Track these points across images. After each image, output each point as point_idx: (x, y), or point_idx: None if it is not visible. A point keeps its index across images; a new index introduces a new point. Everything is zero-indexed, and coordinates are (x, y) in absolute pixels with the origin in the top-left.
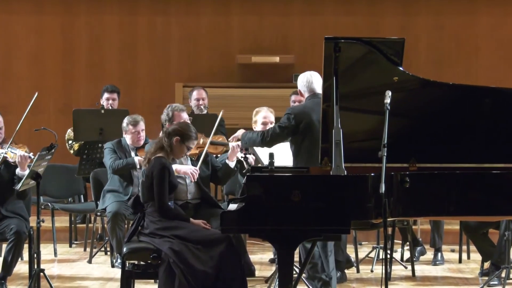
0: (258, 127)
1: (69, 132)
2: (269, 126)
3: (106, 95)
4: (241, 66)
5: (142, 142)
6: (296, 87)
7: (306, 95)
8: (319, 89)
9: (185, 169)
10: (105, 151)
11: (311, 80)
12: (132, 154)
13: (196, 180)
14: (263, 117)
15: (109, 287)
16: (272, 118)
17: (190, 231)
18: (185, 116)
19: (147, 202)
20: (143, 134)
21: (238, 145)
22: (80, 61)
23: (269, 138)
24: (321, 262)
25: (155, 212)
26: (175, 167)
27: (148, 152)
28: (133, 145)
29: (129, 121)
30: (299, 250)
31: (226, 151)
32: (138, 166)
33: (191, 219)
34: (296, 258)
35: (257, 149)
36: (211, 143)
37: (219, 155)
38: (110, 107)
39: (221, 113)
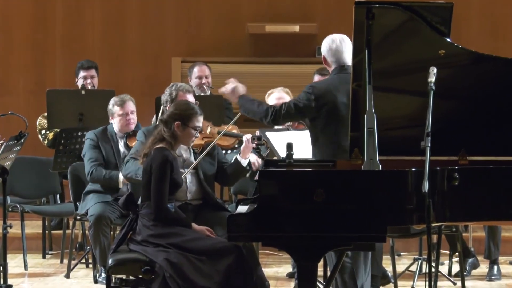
0: None
1: (41, 120)
2: None
3: (82, 73)
4: (252, 37)
5: (133, 126)
6: (321, 63)
7: (333, 66)
8: (349, 60)
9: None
10: (86, 143)
11: (340, 46)
12: (121, 143)
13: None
14: (277, 98)
15: None
16: (287, 99)
17: (190, 239)
18: (190, 99)
19: (144, 202)
20: (133, 116)
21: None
22: (56, 31)
23: (279, 117)
24: (352, 277)
25: (150, 215)
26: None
27: (144, 147)
28: (122, 132)
29: (115, 102)
30: (325, 261)
31: (239, 143)
32: (121, 186)
33: (194, 225)
34: (320, 272)
35: (272, 139)
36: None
37: (229, 151)
38: (90, 87)
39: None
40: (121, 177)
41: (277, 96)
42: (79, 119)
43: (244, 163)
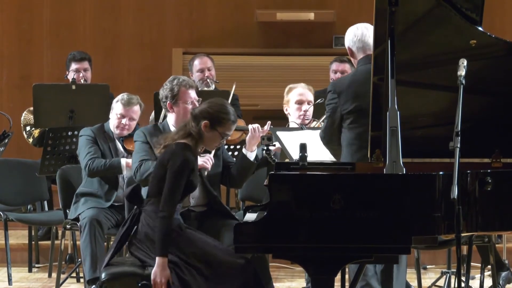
0: (291, 108)
1: (26, 115)
2: (306, 106)
3: (73, 65)
4: (262, 26)
5: (125, 132)
6: (340, 54)
7: (358, 56)
8: None
9: None
10: (81, 139)
11: (364, 35)
12: (118, 145)
13: (209, 170)
14: (299, 94)
15: None
16: (310, 96)
17: (200, 254)
18: (193, 96)
19: (149, 197)
20: (130, 123)
21: (259, 127)
22: (42, 19)
23: (329, 136)
24: None
25: (154, 213)
26: None
27: (165, 137)
28: (115, 132)
29: (121, 99)
30: (342, 275)
31: (243, 140)
32: (124, 172)
33: (164, 260)
34: (338, 287)
35: (284, 139)
36: None
37: (232, 145)
38: (83, 81)
39: (233, 88)
40: (123, 161)
41: (299, 92)
42: (69, 117)
43: (251, 156)
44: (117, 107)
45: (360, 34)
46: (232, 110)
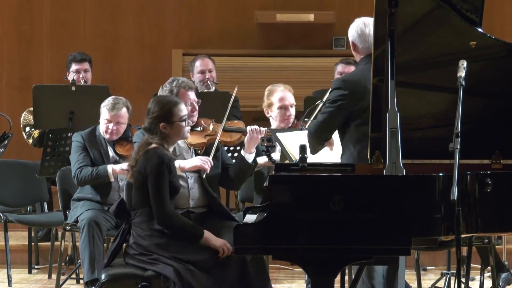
0: (274, 112)
1: (26, 115)
2: (290, 110)
3: (74, 66)
4: (262, 27)
5: (114, 137)
6: (340, 55)
7: (364, 53)
8: None
9: (192, 163)
10: (72, 146)
11: (368, 30)
12: (110, 150)
13: (208, 172)
14: (281, 99)
15: None
16: (292, 99)
17: (191, 250)
18: (192, 97)
19: (135, 210)
20: (117, 127)
21: (258, 129)
22: (42, 20)
23: (320, 138)
24: None
25: (145, 223)
26: (178, 164)
27: (131, 159)
28: (106, 138)
29: (106, 104)
30: (342, 276)
31: (242, 142)
32: (112, 179)
33: (207, 234)
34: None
35: (284, 140)
36: (224, 129)
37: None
38: (83, 82)
39: (235, 91)
40: (109, 169)
41: (281, 97)
42: (69, 118)
43: (250, 158)
44: (103, 113)
45: (368, 33)
46: (167, 95)
